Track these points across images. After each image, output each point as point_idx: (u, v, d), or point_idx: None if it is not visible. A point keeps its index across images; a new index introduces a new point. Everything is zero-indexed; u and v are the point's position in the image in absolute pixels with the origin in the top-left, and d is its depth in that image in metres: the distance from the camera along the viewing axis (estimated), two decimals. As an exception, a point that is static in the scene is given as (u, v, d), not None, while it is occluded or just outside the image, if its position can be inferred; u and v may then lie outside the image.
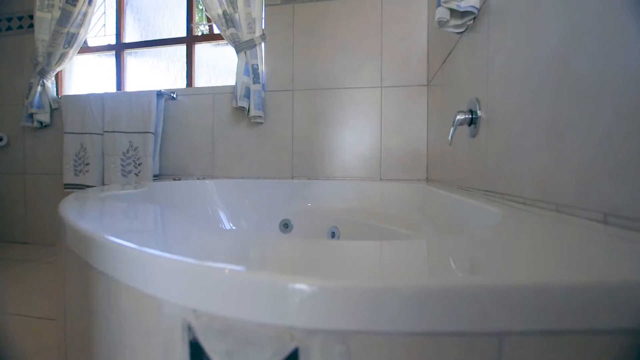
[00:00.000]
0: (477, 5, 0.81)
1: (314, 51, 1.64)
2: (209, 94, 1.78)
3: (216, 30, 1.89)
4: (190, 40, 1.92)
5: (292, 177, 1.67)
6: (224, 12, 1.66)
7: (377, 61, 1.57)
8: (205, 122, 1.78)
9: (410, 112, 1.54)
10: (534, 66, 0.55)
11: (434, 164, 1.41)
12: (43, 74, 1.94)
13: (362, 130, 1.60)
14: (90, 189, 0.95)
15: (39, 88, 1.95)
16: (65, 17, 1.89)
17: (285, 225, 1.54)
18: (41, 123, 1.99)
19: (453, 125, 0.85)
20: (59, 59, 1.93)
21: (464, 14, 0.84)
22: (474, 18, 0.85)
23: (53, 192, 2.03)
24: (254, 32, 1.66)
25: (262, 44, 1.69)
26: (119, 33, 2.04)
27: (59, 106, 1.98)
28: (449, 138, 0.87)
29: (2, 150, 2.11)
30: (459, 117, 0.85)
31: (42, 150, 2.05)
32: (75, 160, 1.83)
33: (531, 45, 0.56)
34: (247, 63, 1.64)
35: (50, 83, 1.99)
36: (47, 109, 1.98)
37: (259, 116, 1.64)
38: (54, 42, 1.91)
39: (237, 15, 1.67)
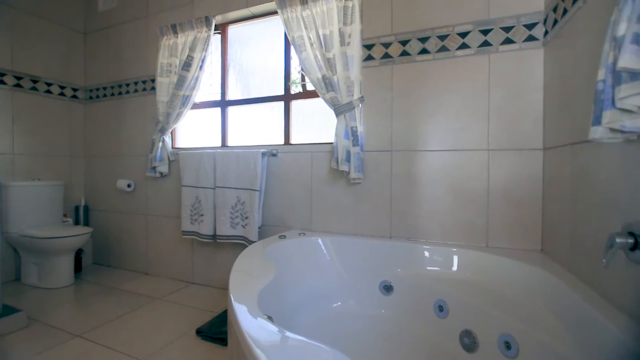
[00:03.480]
0: (647, 127, 0.74)
1: (414, 112, 1.64)
2: (308, 152, 1.88)
3: (309, 87, 1.99)
4: (287, 97, 2.05)
5: (391, 237, 1.69)
6: (324, 77, 1.75)
7: (484, 123, 1.51)
8: (303, 178, 1.89)
9: (522, 177, 1.46)
10: None
11: (554, 238, 1.31)
12: (163, 131, 2.24)
13: (466, 194, 1.55)
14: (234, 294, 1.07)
15: (160, 144, 2.25)
16: (181, 82, 2.15)
17: (387, 288, 1.57)
18: (161, 173, 2.30)
19: (611, 248, 0.79)
20: (176, 117, 2.21)
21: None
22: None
23: (170, 233, 2.33)
24: (353, 95, 1.71)
25: (360, 105, 1.74)
26: (223, 92, 2.26)
27: (176, 159, 2.27)
28: (603, 260, 0.81)
29: (130, 194, 2.49)
30: (619, 240, 0.78)
31: (161, 196, 2.37)
32: (192, 211, 2.08)
33: None
34: (346, 126, 1.70)
35: (168, 138, 2.29)
36: (166, 161, 2.28)
37: (359, 178, 1.69)
38: (172, 104, 2.19)
39: (335, 78, 1.73)
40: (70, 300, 2.01)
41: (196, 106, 2.35)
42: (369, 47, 1.73)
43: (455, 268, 1.43)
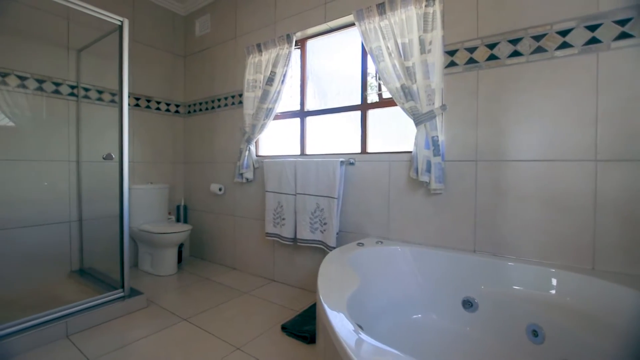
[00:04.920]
0: None
1: (503, 119, 1.54)
2: (385, 161, 1.90)
3: (385, 95, 1.99)
4: (364, 107, 2.09)
5: (474, 251, 1.62)
6: (402, 86, 1.74)
7: (590, 130, 1.35)
8: (381, 187, 1.91)
9: (641, 191, 1.27)
10: None
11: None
12: (249, 141, 2.47)
13: (566, 209, 1.40)
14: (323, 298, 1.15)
15: (246, 152, 2.49)
16: (265, 96, 2.35)
17: (469, 304, 1.51)
18: (247, 179, 2.55)
19: None
20: (260, 128, 2.42)
21: None
22: None
23: (254, 234, 2.57)
24: (433, 104, 1.68)
25: (442, 114, 1.69)
26: (302, 102, 2.40)
27: (260, 166, 2.49)
28: None
29: (221, 197, 2.81)
30: None
31: (247, 200, 2.62)
32: (274, 215, 2.26)
33: None
34: (427, 135, 1.67)
35: (253, 147, 2.52)
36: (251, 168, 2.51)
37: (440, 188, 1.65)
38: (257, 116, 2.40)
39: (415, 87, 1.72)
40: (176, 287, 2.35)
41: (277, 117, 2.53)
42: (451, 53, 1.67)
43: (553, 291, 1.31)
